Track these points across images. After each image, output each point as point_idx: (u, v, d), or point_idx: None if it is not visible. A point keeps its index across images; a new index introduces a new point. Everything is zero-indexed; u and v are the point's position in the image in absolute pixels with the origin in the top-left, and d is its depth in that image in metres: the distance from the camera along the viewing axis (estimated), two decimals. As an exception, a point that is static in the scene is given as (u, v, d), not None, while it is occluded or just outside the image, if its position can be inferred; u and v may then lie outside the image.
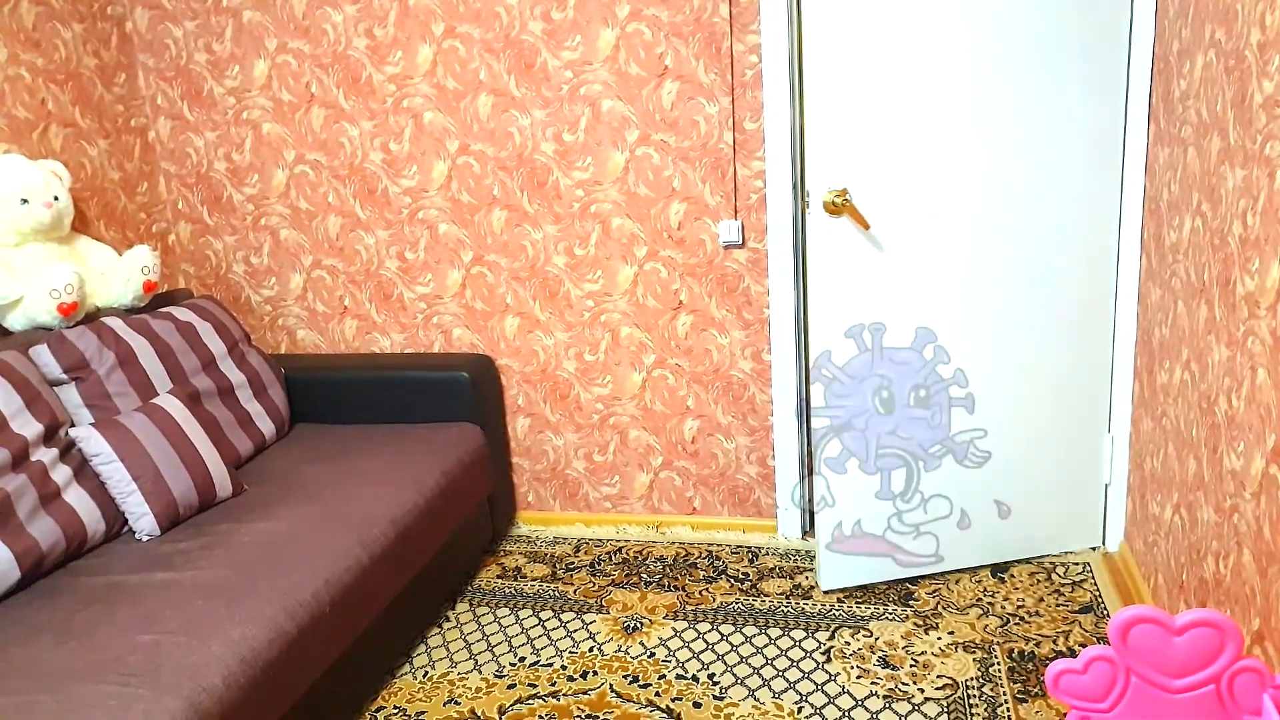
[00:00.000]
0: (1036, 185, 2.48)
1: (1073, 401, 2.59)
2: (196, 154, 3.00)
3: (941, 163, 2.52)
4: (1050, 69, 2.40)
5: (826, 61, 2.31)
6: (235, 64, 2.90)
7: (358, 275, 3.00)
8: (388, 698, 2.19)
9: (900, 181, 2.58)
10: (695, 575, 2.68)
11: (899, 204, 2.61)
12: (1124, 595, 2.40)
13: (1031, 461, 2.64)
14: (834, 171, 2.37)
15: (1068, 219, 2.48)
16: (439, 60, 2.75)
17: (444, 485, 2.45)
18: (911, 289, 2.63)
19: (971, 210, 2.53)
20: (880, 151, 2.55)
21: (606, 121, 2.69)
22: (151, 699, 1.49)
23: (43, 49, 2.60)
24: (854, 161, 2.42)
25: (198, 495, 2.21)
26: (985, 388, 2.63)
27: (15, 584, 1.86)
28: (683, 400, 2.87)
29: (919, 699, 2.07)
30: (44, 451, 2.04)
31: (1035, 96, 2.42)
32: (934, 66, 2.47)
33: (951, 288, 2.61)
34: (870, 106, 2.48)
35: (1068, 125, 2.42)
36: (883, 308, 2.65)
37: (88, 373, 2.26)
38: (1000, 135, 2.47)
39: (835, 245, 2.40)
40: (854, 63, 2.35)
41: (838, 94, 2.33)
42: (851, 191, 2.43)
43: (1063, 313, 2.54)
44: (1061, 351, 2.56)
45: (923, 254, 2.61)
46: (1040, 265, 2.52)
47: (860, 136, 2.52)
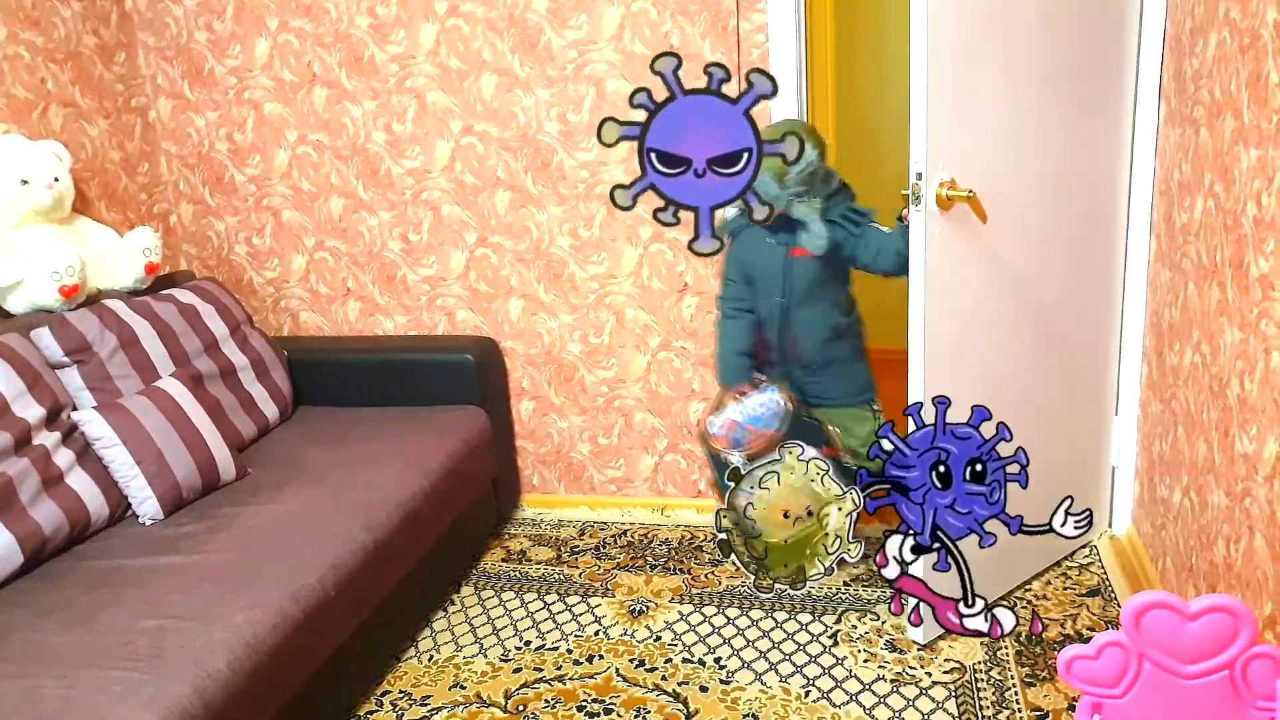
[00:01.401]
0: (1041, 165, 2.45)
1: (1080, 384, 2.57)
2: (198, 134, 2.98)
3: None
4: (1057, 47, 2.37)
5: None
6: (236, 43, 2.86)
7: (361, 257, 2.98)
8: (393, 681, 2.19)
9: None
10: (701, 559, 2.67)
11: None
12: (1131, 579, 2.39)
13: (1038, 444, 2.62)
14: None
15: (1075, 199, 2.45)
16: (442, 39, 2.72)
17: (449, 468, 2.44)
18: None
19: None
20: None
21: (611, 101, 2.66)
22: (157, 684, 1.49)
23: (42, 27, 2.57)
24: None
25: (201, 479, 2.20)
26: (991, 369, 2.62)
27: (18, 568, 1.86)
28: (688, 383, 2.86)
29: (926, 683, 2.07)
30: (46, 435, 2.03)
31: (1040, 75, 2.39)
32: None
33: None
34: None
35: (1075, 105, 2.39)
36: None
37: (90, 355, 2.25)
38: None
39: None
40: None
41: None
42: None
43: (1070, 294, 2.51)
44: (1069, 333, 2.54)
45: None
46: (1046, 246, 2.50)
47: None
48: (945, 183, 2.02)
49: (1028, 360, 2.59)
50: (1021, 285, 2.54)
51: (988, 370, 2.61)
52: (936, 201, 2.01)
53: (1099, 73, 2.36)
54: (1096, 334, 2.53)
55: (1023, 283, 2.54)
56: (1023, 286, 2.54)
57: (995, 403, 2.62)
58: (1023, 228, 2.51)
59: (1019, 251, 2.52)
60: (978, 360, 2.61)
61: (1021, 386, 2.60)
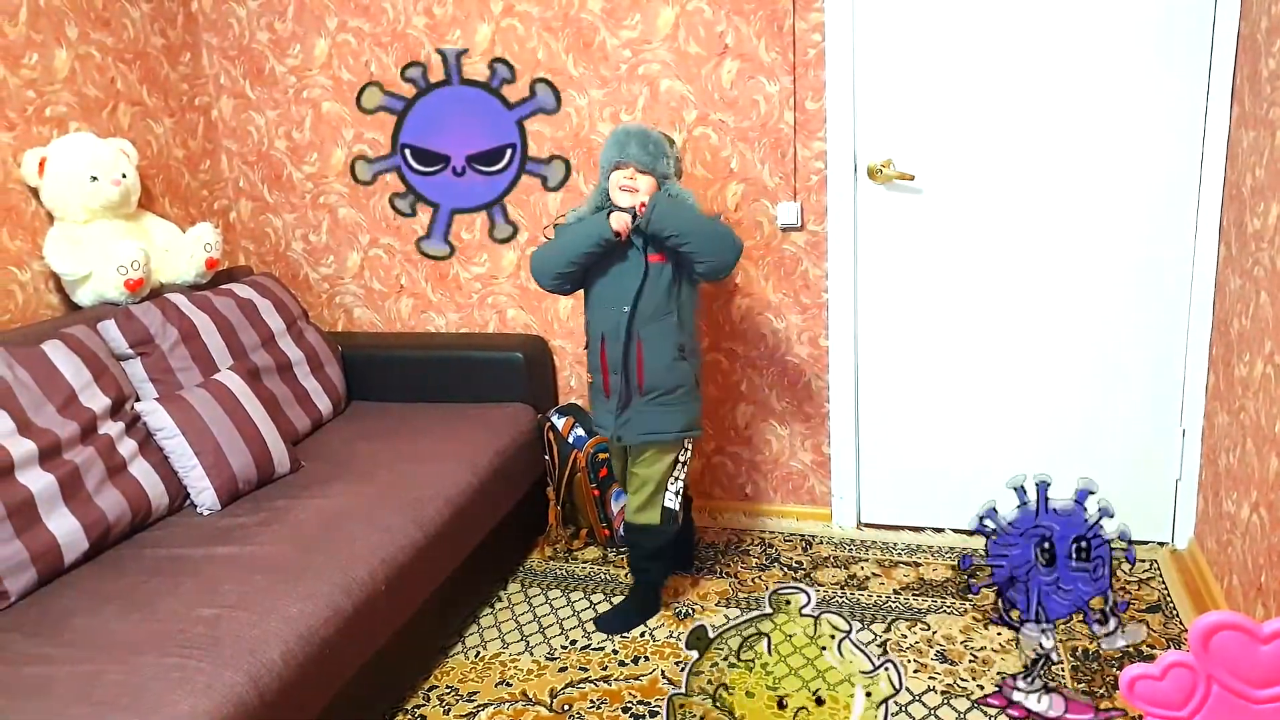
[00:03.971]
0: (1109, 168, 2.39)
1: (1144, 393, 2.50)
2: (257, 132, 3.03)
3: (1005, 140, 2.45)
4: (1127, 47, 2.31)
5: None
6: (296, 42, 2.91)
7: (414, 254, 3.01)
8: (440, 676, 2.21)
9: (958, 158, 2.51)
10: (748, 562, 2.65)
11: (958, 179, 2.54)
12: (1194, 596, 2.32)
13: (1099, 453, 2.56)
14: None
15: (1141, 203, 2.39)
16: (496, 39, 2.73)
17: (498, 465, 2.45)
18: (976, 273, 2.57)
19: (1038, 191, 2.45)
20: (934, 126, 2.49)
21: (665, 101, 2.65)
22: (213, 672, 1.51)
23: (112, 28, 2.63)
24: (918, 140, 2.36)
25: (256, 471, 2.23)
26: (1055, 378, 2.56)
27: (83, 554, 1.90)
28: (736, 385, 2.84)
29: (978, 695, 2.03)
30: (111, 425, 2.07)
31: (1110, 76, 2.33)
32: (998, 44, 2.40)
33: (1018, 269, 2.54)
34: (931, 81, 2.41)
35: (1144, 107, 2.33)
36: (947, 284, 2.58)
37: (152, 348, 2.29)
38: (1072, 116, 2.38)
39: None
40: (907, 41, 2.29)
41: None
42: (920, 175, 2.37)
43: (1135, 300, 2.45)
44: (1130, 341, 2.47)
45: (984, 231, 2.54)
46: (1112, 251, 2.44)
47: (919, 112, 2.47)
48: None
49: (1087, 369, 2.53)
50: (1078, 291, 2.48)
51: (1044, 380, 2.56)
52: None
53: (1168, 72, 2.29)
54: (1160, 342, 2.46)
55: (1080, 289, 2.48)
56: (1080, 293, 2.48)
57: (1054, 413, 2.57)
58: (1091, 234, 2.46)
59: (1080, 257, 2.47)
60: (1035, 369, 2.56)
61: (1081, 396, 2.55)
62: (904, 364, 2.66)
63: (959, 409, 2.65)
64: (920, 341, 2.63)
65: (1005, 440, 2.63)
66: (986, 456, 2.65)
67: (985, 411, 2.63)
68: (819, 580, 2.53)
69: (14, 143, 2.35)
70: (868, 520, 2.82)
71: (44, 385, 1.98)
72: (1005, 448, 2.63)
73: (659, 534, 2.30)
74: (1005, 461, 2.63)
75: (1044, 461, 2.60)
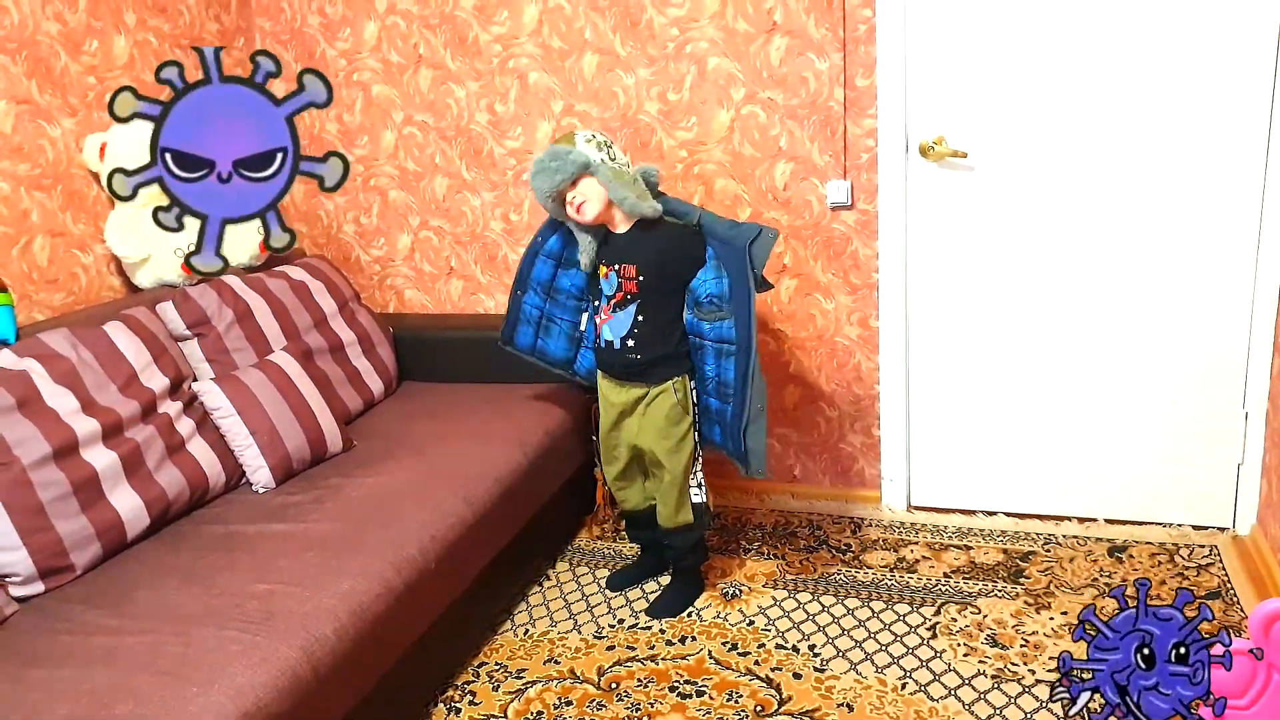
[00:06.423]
0: (1171, 143, 2.32)
1: (1205, 376, 2.43)
2: (309, 116, 3.06)
3: (1061, 116, 2.39)
4: (1192, 19, 2.23)
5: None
6: (346, 26, 2.94)
7: (464, 236, 3.03)
8: (489, 653, 2.24)
9: (1012, 135, 2.45)
10: (796, 544, 2.64)
11: (1011, 156, 2.49)
12: (1257, 583, 2.26)
13: (1159, 436, 2.50)
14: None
15: (1204, 182, 2.31)
16: (544, 19, 2.73)
17: (547, 445, 2.47)
18: (1030, 252, 2.52)
19: (1095, 169, 2.39)
20: (987, 103, 2.44)
21: (712, 79, 2.63)
22: (268, 646, 1.55)
23: (169, 14, 2.68)
24: (967, 119, 2.30)
25: (310, 450, 2.28)
26: (1111, 360, 2.50)
27: (145, 529, 1.96)
28: (785, 366, 2.82)
29: (1029, 680, 2.00)
30: (170, 404, 2.13)
31: (1173, 50, 2.26)
32: (1055, 17, 2.34)
33: (1074, 248, 2.48)
34: (985, 56, 2.36)
35: (1209, 82, 2.25)
36: (999, 263, 2.54)
37: (209, 329, 2.35)
38: (1132, 90, 2.31)
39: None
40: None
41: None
42: (971, 153, 2.32)
43: (1196, 282, 2.38)
44: (1194, 324, 2.40)
45: (1038, 209, 2.49)
46: (1172, 230, 2.37)
47: (972, 88, 2.42)
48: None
49: (1146, 351, 2.46)
50: (1136, 271, 2.42)
51: (1101, 362, 2.50)
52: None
53: (1233, 47, 2.21)
54: (1222, 323, 2.39)
55: (1138, 268, 2.41)
56: (1138, 272, 2.42)
57: (1111, 395, 2.51)
58: (1149, 209, 2.40)
59: (1139, 234, 2.40)
60: (1092, 350, 2.50)
61: (1139, 378, 2.48)
62: (956, 345, 2.61)
63: (1012, 391, 2.60)
64: (972, 322, 2.58)
65: (1059, 423, 2.58)
66: (1040, 439, 2.60)
67: (1039, 393, 2.58)
68: (867, 563, 2.51)
69: (76, 128, 2.41)
70: (918, 503, 2.78)
71: (106, 365, 2.04)
72: (1059, 430, 2.58)
73: (697, 528, 2.32)
74: (1059, 444, 2.59)
75: (1101, 445, 2.55)
